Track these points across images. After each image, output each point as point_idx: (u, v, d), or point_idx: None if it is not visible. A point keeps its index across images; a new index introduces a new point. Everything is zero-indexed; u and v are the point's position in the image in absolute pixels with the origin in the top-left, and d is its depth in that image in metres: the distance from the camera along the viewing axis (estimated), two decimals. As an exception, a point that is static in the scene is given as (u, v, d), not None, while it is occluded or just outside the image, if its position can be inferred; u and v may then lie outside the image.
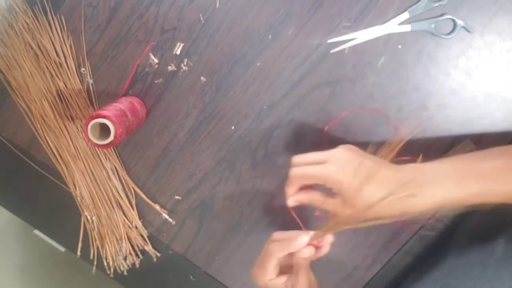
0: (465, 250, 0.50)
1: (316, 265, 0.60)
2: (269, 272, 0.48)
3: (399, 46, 0.54)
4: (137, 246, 0.65)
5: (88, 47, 0.61)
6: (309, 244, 0.47)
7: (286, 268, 0.49)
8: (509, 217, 0.42)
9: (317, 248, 0.48)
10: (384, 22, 0.54)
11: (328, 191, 0.45)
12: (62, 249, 0.71)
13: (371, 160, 0.44)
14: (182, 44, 0.59)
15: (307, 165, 0.45)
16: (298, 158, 0.47)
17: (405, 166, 0.43)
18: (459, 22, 0.52)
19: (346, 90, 0.56)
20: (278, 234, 0.50)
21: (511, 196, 0.40)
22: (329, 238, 0.48)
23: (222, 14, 0.58)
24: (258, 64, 0.58)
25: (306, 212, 0.58)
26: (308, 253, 0.47)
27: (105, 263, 0.66)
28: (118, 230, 0.64)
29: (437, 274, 0.50)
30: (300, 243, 0.47)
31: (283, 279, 0.49)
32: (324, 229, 0.46)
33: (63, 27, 0.61)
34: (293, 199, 0.48)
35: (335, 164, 0.43)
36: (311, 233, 0.47)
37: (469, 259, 0.48)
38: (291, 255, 0.48)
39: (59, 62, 0.62)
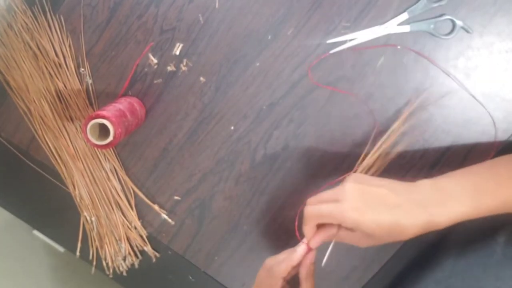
0: (465, 250, 0.50)
1: (315, 266, 0.60)
2: None
3: (398, 47, 0.54)
4: (136, 246, 0.65)
5: (88, 47, 0.61)
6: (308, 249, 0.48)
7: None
8: (508, 216, 0.42)
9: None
10: (384, 23, 0.54)
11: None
12: (61, 249, 0.71)
13: (382, 187, 0.43)
14: (181, 44, 0.59)
15: (321, 204, 0.44)
16: (312, 199, 0.47)
17: (420, 184, 0.43)
18: (458, 22, 0.52)
19: (345, 90, 0.56)
20: (271, 259, 0.50)
21: None
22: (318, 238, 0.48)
23: (222, 14, 0.58)
24: (258, 64, 0.58)
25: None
26: (313, 256, 0.48)
27: (104, 264, 0.65)
28: (117, 230, 0.64)
29: (439, 275, 0.50)
30: (300, 252, 0.47)
31: None
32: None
33: (62, 27, 0.61)
34: (315, 241, 0.47)
35: (347, 202, 0.42)
36: (304, 240, 0.48)
37: (470, 260, 0.48)
38: (290, 272, 0.49)
39: (58, 62, 0.62)
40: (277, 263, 0.49)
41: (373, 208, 0.41)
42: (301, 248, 0.48)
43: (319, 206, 0.44)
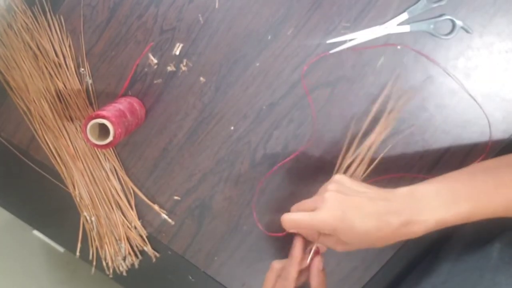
0: (462, 255, 0.50)
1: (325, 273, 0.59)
2: None
3: (398, 47, 0.54)
4: (136, 246, 0.65)
5: (87, 47, 0.61)
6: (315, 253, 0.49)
7: None
8: (504, 221, 0.42)
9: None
10: (383, 23, 0.54)
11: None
12: (61, 249, 0.71)
13: (359, 195, 0.44)
14: (181, 45, 0.59)
15: (299, 213, 0.46)
16: (294, 207, 0.50)
17: (397, 192, 0.44)
18: (458, 22, 0.52)
19: (345, 90, 0.56)
20: (278, 262, 0.51)
21: (500, 212, 0.40)
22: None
23: (221, 14, 0.58)
24: (258, 64, 0.58)
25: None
26: (320, 262, 0.48)
27: (104, 264, 0.65)
28: (117, 230, 0.64)
29: (434, 280, 0.50)
30: (298, 245, 0.49)
31: None
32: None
33: (62, 27, 0.61)
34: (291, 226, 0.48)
35: (324, 210, 0.44)
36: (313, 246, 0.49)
37: (467, 264, 0.47)
38: (298, 277, 0.49)
39: (58, 62, 0.62)
40: (286, 267, 0.49)
41: (349, 216, 0.42)
42: (297, 242, 0.49)
43: (296, 217, 0.46)
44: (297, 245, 0.49)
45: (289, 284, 0.48)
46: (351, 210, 0.43)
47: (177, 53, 0.59)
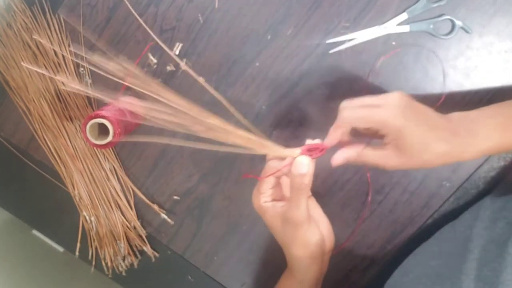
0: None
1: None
2: (263, 192, 0.45)
3: (398, 48, 0.54)
4: (136, 246, 0.65)
5: (87, 47, 0.61)
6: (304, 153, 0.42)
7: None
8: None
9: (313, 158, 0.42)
10: (383, 23, 0.54)
11: (374, 143, 0.42)
12: (60, 249, 0.70)
13: (425, 107, 0.41)
14: (181, 44, 0.59)
15: (361, 108, 0.41)
16: (348, 102, 0.42)
17: (452, 115, 0.42)
18: (458, 22, 0.52)
19: (344, 91, 0.56)
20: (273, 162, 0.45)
21: None
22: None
23: (221, 14, 0.58)
24: (257, 64, 0.58)
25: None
26: (305, 165, 0.41)
27: (103, 264, 0.65)
28: (117, 230, 0.64)
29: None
30: (286, 153, 0.43)
31: (279, 203, 0.45)
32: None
33: (62, 26, 0.61)
34: (340, 155, 0.43)
35: (392, 108, 0.39)
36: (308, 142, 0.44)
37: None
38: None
39: (58, 62, 0.62)
40: (274, 157, 0.44)
41: (420, 121, 0.39)
42: (291, 151, 0.42)
43: (359, 109, 0.41)
44: (286, 152, 0.43)
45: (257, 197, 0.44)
46: (421, 116, 0.39)
47: (177, 52, 0.59)
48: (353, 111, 0.42)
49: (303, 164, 0.41)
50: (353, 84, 0.56)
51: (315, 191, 0.50)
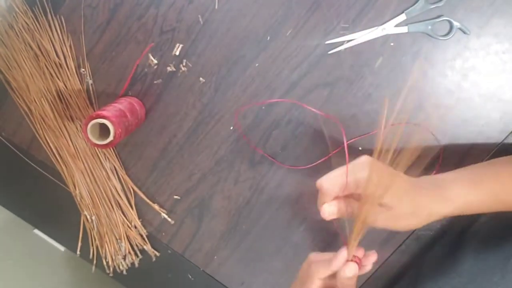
0: (481, 255, 0.49)
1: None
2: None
3: (396, 48, 0.55)
4: (136, 245, 0.65)
5: (88, 47, 0.62)
6: (350, 260, 0.44)
7: None
8: None
9: (359, 265, 0.45)
10: (382, 24, 0.55)
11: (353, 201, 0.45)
12: (61, 248, 0.71)
13: (391, 170, 0.42)
14: (181, 45, 0.59)
15: (337, 177, 0.44)
16: (326, 177, 0.45)
17: (421, 177, 0.44)
18: (456, 23, 0.53)
19: (344, 91, 0.57)
20: (315, 255, 0.47)
21: None
22: (372, 257, 0.46)
23: (221, 15, 0.58)
24: (257, 65, 0.58)
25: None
26: (352, 271, 0.44)
27: (104, 263, 0.66)
28: (118, 229, 0.64)
29: (455, 281, 0.48)
30: (341, 259, 0.44)
31: None
32: (354, 234, 0.44)
33: (63, 27, 0.62)
34: (327, 209, 0.45)
35: (366, 170, 0.42)
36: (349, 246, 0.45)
37: (487, 264, 0.47)
38: (333, 276, 0.45)
39: (59, 63, 0.62)
40: (316, 262, 0.46)
41: (383, 184, 0.40)
42: (342, 254, 0.44)
43: (335, 180, 0.43)
44: (340, 259, 0.44)
45: (311, 281, 0.45)
46: (389, 176, 0.41)
47: (177, 53, 0.60)
48: (332, 183, 0.44)
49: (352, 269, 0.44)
50: (352, 85, 0.56)
51: (315, 191, 0.51)
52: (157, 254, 0.66)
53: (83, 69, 0.62)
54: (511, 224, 0.48)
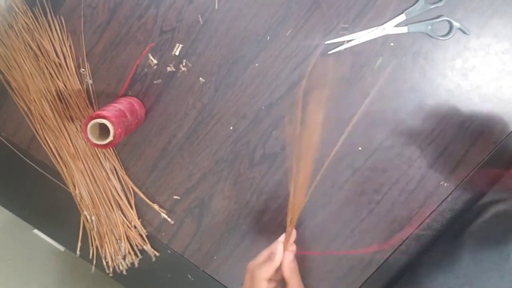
0: (478, 256, 0.49)
1: (312, 265, 0.60)
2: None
3: (396, 48, 0.55)
4: (136, 245, 0.65)
5: (88, 47, 0.62)
6: (285, 249, 0.51)
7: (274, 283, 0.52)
8: None
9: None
10: (381, 24, 0.55)
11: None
12: (61, 248, 0.71)
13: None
14: (181, 45, 0.59)
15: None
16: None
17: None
18: (456, 24, 0.53)
19: (343, 91, 0.57)
20: (253, 263, 0.52)
21: None
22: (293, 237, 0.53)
23: (221, 15, 0.58)
24: (257, 65, 0.58)
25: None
26: (292, 255, 0.51)
27: (104, 263, 0.66)
28: (117, 229, 0.64)
29: (452, 283, 0.49)
30: (280, 252, 0.50)
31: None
32: (288, 229, 0.51)
33: (63, 27, 0.62)
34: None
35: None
36: (281, 238, 0.52)
37: (485, 266, 0.47)
38: (276, 273, 0.51)
39: (59, 63, 0.62)
40: (258, 266, 0.50)
41: None
42: (278, 247, 0.51)
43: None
44: (280, 251, 0.51)
45: (259, 285, 0.49)
46: None
47: (177, 53, 0.60)
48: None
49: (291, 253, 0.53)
50: (352, 85, 0.56)
51: (315, 191, 0.51)
52: (157, 254, 0.66)
53: (83, 69, 0.62)
54: (508, 225, 0.48)
